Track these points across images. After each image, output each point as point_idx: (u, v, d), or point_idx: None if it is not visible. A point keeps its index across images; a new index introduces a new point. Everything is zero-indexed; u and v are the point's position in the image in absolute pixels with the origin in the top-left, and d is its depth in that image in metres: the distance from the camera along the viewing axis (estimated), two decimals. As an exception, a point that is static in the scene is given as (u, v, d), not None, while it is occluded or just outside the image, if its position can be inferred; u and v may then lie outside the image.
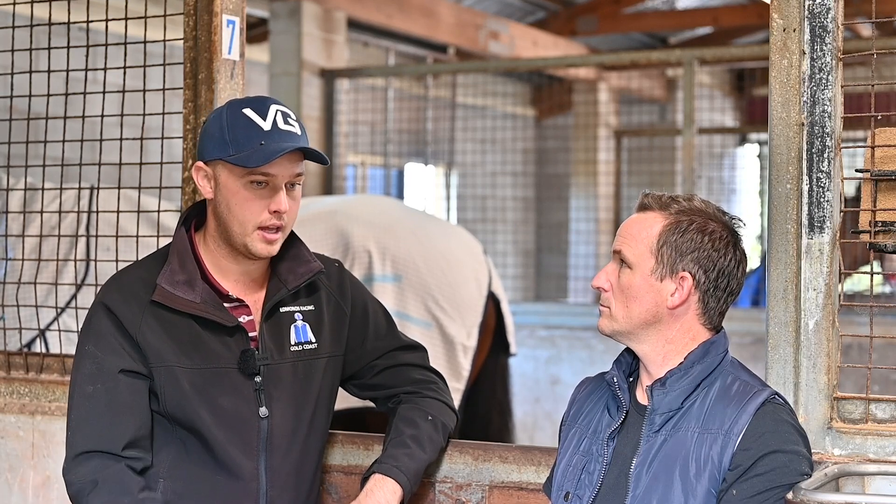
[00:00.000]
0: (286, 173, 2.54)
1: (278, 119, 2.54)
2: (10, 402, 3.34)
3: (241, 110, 2.55)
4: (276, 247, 2.59)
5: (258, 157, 2.49)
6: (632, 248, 2.35)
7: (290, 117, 2.57)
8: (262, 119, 2.53)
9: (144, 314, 2.56)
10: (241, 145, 2.51)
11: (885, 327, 6.76)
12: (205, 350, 2.57)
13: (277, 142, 2.51)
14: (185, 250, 2.61)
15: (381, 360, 2.81)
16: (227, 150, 2.52)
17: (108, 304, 2.57)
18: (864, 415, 2.54)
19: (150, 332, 2.55)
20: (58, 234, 3.69)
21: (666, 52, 9.88)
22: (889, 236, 2.51)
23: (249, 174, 2.51)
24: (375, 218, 5.28)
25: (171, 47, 3.44)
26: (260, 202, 2.53)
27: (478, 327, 5.32)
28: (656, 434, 2.31)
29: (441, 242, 5.41)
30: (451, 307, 5.22)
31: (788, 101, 2.56)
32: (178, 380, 2.55)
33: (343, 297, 2.77)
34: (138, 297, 2.58)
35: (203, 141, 2.60)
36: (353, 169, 10.19)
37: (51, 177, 3.73)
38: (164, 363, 2.55)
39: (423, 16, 9.12)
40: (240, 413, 2.58)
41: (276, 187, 2.54)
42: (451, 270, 5.31)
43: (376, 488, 2.61)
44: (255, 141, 2.50)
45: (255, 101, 2.58)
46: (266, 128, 2.52)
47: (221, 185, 2.55)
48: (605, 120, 11.69)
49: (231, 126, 2.53)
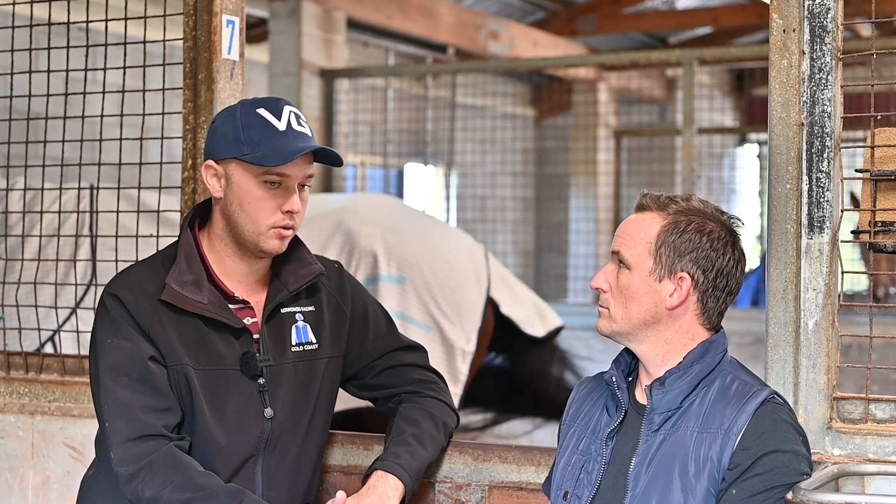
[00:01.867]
0: (300, 174, 2.56)
1: (292, 120, 2.56)
2: (9, 402, 3.34)
3: (256, 110, 2.56)
4: (286, 243, 2.61)
5: (276, 156, 2.50)
6: (630, 248, 2.35)
7: (302, 119, 2.60)
8: (277, 119, 2.55)
9: (156, 312, 2.56)
10: (256, 145, 2.52)
11: (885, 327, 6.77)
12: (211, 351, 2.58)
13: (293, 142, 2.52)
14: (191, 251, 2.62)
15: (381, 361, 2.81)
16: (242, 150, 2.53)
17: (121, 297, 2.57)
18: (864, 415, 2.54)
19: (162, 330, 2.55)
20: (57, 234, 3.69)
21: (666, 52, 9.89)
22: (889, 236, 2.51)
23: (265, 174, 2.52)
24: (382, 218, 5.29)
25: (171, 47, 3.43)
26: (273, 202, 2.55)
27: (477, 332, 5.33)
28: (655, 434, 2.31)
29: (443, 245, 5.42)
30: (451, 311, 5.23)
31: (788, 101, 2.56)
32: (188, 379, 2.55)
33: (343, 297, 2.77)
34: (148, 294, 2.58)
35: (214, 140, 2.60)
36: (352, 169, 10.19)
37: (51, 177, 3.73)
38: (176, 361, 2.55)
39: (422, 16, 9.13)
40: (244, 415, 2.59)
41: (289, 188, 2.55)
42: (453, 274, 5.32)
43: (378, 484, 2.61)
44: (272, 141, 2.52)
45: (268, 102, 2.59)
46: (281, 128, 2.54)
47: (234, 185, 2.56)
48: (605, 120, 11.70)
49: (246, 126, 2.54)
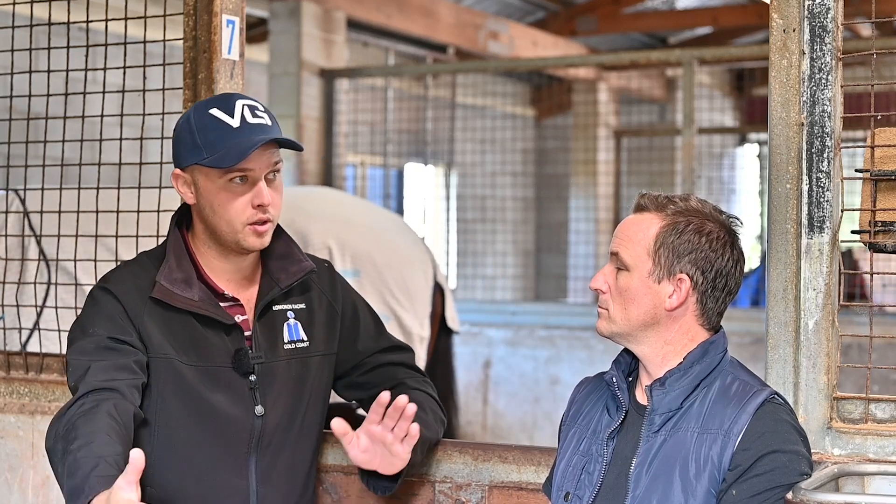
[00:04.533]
0: (263, 165, 2.54)
1: (246, 113, 2.53)
2: (9, 402, 3.34)
3: (208, 111, 2.54)
4: (267, 238, 2.59)
5: (232, 155, 2.48)
6: (629, 250, 2.34)
7: (258, 109, 2.56)
8: (230, 116, 2.52)
9: (146, 308, 2.56)
10: (213, 147, 2.50)
11: (885, 327, 6.77)
12: (202, 348, 2.57)
13: (248, 136, 2.50)
14: (180, 250, 2.62)
15: (369, 360, 2.81)
16: (200, 154, 2.52)
17: (113, 290, 2.57)
18: (864, 415, 2.54)
19: (153, 326, 2.55)
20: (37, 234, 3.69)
21: (666, 52, 9.88)
22: (889, 236, 2.50)
23: (227, 174, 2.51)
24: (331, 213, 5.32)
25: (171, 47, 3.43)
26: (242, 199, 2.53)
27: (428, 317, 5.41)
28: (656, 434, 2.31)
29: (391, 235, 5.52)
30: (405, 299, 5.30)
31: (788, 101, 2.56)
32: (177, 375, 2.55)
33: (335, 296, 2.77)
34: (139, 290, 2.58)
35: (176, 148, 2.59)
36: (352, 169, 10.18)
37: (51, 177, 3.73)
38: (164, 356, 2.54)
39: (422, 16, 9.12)
40: (235, 411, 2.58)
41: (255, 181, 2.54)
42: (403, 263, 5.41)
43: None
44: (226, 140, 2.49)
45: (219, 100, 2.57)
46: (235, 125, 2.51)
47: (201, 190, 2.55)
48: (605, 120, 11.69)
49: (200, 129, 2.53)
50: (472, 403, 8.14)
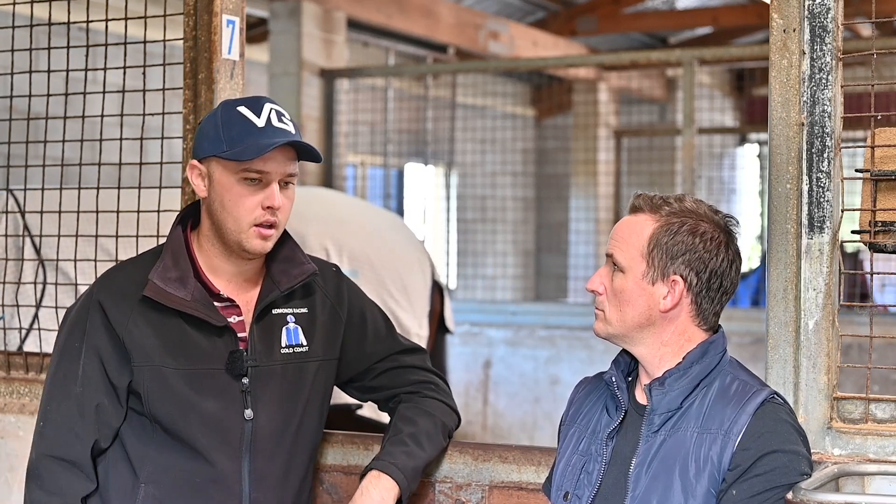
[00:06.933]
0: (279, 170, 2.54)
1: (272, 117, 2.55)
2: (10, 402, 3.34)
3: (236, 108, 2.57)
4: (270, 243, 2.59)
5: (251, 150, 2.50)
6: (623, 251, 2.34)
7: (285, 117, 2.59)
8: (257, 116, 2.54)
9: (133, 313, 2.56)
10: (234, 141, 2.52)
11: (885, 327, 6.77)
12: (192, 350, 2.57)
13: (271, 137, 2.52)
14: (179, 248, 2.62)
15: (381, 363, 2.81)
16: (220, 147, 2.53)
17: (100, 300, 2.58)
18: (864, 415, 2.54)
19: (138, 331, 2.55)
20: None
21: (666, 52, 9.88)
22: (889, 236, 2.50)
23: (243, 170, 2.52)
24: (326, 214, 5.31)
25: (171, 47, 3.44)
26: (253, 198, 2.54)
27: (427, 316, 5.40)
28: (655, 434, 2.30)
29: (386, 234, 5.50)
30: (403, 298, 5.29)
31: (788, 101, 2.56)
32: (163, 380, 2.54)
33: (339, 301, 2.76)
34: (129, 294, 2.58)
35: (198, 140, 2.61)
36: (352, 169, 10.18)
37: (51, 177, 3.73)
38: (149, 362, 2.54)
39: (422, 16, 9.12)
40: (224, 415, 2.57)
41: (269, 184, 2.54)
42: (400, 262, 5.39)
43: (371, 486, 2.61)
44: (249, 137, 2.51)
45: (249, 101, 2.59)
46: (260, 124, 2.53)
47: (215, 182, 2.56)
48: (605, 120, 11.69)
49: (225, 123, 2.55)
50: (472, 403, 8.14)
